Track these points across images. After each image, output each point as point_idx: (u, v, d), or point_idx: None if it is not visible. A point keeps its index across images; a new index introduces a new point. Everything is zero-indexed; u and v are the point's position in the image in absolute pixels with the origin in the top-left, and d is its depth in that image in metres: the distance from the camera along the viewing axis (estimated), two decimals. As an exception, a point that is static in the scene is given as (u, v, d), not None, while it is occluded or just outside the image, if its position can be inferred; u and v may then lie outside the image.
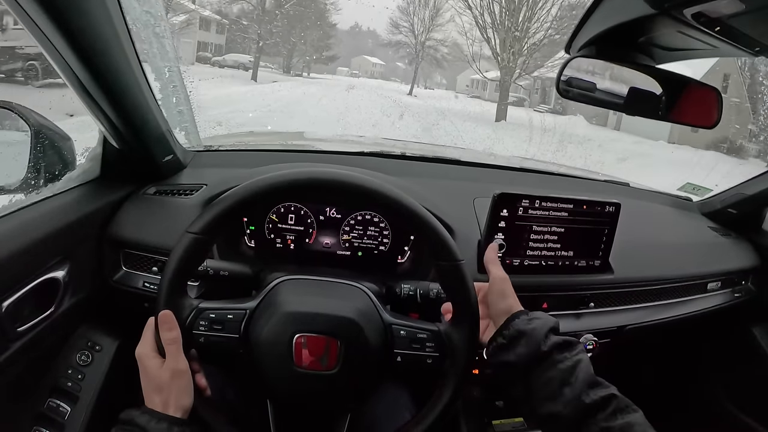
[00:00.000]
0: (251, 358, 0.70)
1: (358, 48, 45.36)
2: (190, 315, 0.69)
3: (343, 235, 1.03)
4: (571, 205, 0.95)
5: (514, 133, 10.61)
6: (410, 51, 26.66)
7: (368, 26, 50.81)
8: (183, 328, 0.67)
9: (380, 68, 43.57)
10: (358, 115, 9.94)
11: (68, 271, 0.87)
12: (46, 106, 1.01)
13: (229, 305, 0.71)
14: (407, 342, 0.71)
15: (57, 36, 0.67)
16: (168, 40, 0.91)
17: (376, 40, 45.76)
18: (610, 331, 1.05)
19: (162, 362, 0.65)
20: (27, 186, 0.90)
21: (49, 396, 0.90)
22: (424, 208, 0.70)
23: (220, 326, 0.69)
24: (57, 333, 0.89)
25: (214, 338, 0.69)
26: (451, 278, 0.71)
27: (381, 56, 43.95)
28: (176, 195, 1.01)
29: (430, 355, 0.71)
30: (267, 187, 0.69)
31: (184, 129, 1.12)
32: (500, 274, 0.77)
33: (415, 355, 0.71)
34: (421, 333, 0.72)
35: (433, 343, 0.71)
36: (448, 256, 0.70)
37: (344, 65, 39.44)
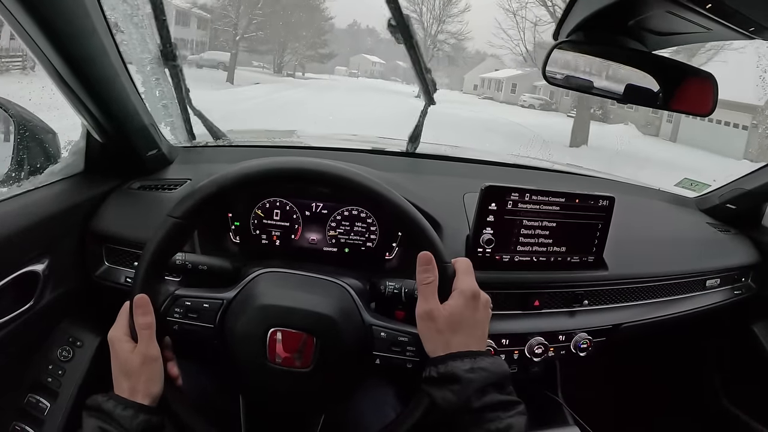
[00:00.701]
0: (225, 350, 0.68)
1: (357, 47, 44.58)
2: (165, 301, 0.67)
3: (330, 230, 1.01)
4: (563, 199, 0.92)
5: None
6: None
7: (367, 24, 49.96)
8: (158, 314, 0.65)
9: (380, 67, 42.61)
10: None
11: (48, 265, 0.85)
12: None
13: (206, 294, 0.70)
14: (387, 344, 0.69)
15: (31, 24, 0.65)
16: (147, 31, 0.89)
17: (375, 38, 45.93)
18: (605, 330, 1.02)
19: (134, 347, 0.64)
20: (9, 179, 0.89)
21: (29, 391, 0.89)
22: (412, 206, 0.67)
23: (195, 315, 0.68)
24: (37, 328, 0.87)
25: (189, 326, 0.68)
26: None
27: (381, 54, 43.08)
28: (160, 189, 0.99)
29: (410, 360, 0.68)
30: (253, 174, 0.66)
31: (169, 124, 1.10)
32: (470, 288, 0.65)
33: (395, 358, 0.68)
34: (402, 336, 0.69)
35: (414, 347, 0.68)
36: (435, 258, 0.67)
37: (342, 64, 38.69)
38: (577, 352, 0.99)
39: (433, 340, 0.63)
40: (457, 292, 0.64)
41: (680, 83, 0.94)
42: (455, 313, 0.63)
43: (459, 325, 0.62)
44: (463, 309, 0.63)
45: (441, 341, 0.62)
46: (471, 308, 0.64)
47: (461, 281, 0.65)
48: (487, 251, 0.91)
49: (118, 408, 0.60)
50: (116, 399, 0.61)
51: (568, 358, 1.00)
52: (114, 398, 0.61)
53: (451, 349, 0.61)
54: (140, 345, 0.63)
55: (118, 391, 0.62)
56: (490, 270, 0.92)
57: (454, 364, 0.60)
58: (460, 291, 0.64)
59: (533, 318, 0.97)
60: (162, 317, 0.67)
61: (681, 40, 0.91)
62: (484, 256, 0.91)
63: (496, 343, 0.93)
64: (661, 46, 0.92)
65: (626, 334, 1.05)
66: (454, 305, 0.63)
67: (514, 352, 0.95)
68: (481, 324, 0.65)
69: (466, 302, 0.63)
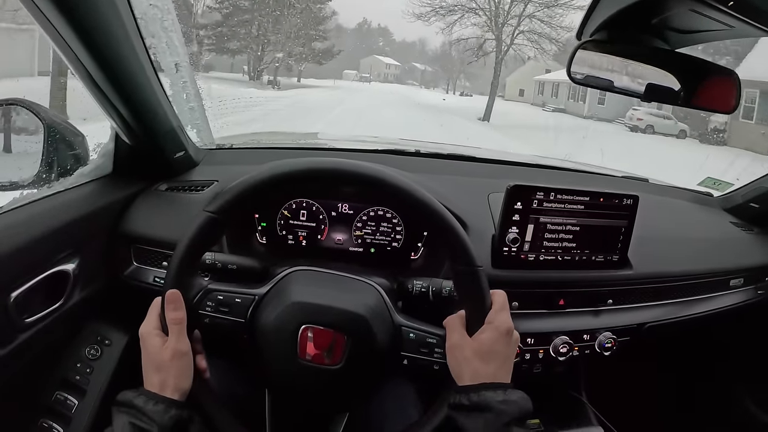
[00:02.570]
0: (255, 344, 0.68)
1: (368, 48, 37.90)
2: (197, 295, 0.67)
3: (356, 231, 1.00)
4: (588, 198, 0.91)
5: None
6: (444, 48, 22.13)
7: (379, 23, 41.98)
8: (189, 307, 0.65)
9: (395, 69, 36.48)
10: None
11: (78, 265, 0.86)
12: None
13: (239, 289, 0.70)
14: (416, 346, 0.68)
15: (67, 30, 0.66)
16: (176, 35, 0.89)
17: (387, 39, 39.30)
18: (630, 329, 1.00)
19: (164, 342, 0.63)
20: (40, 181, 0.89)
21: (57, 389, 0.89)
22: (445, 209, 0.66)
23: (226, 309, 0.68)
24: (66, 326, 0.88)
25: (220, 320, 0.68)
26: (467, 284, 0.67)
27: (395, 56, 37.32)
28: (187, 191, 0.99)
29: (437, 362, 0.67)
30: (289, 172, 0.66)
31: (196, 126, 1.10)
32: (505, 324, 0.65)
33: (423, 359, 0.68)
34: (430, 338, 0.68)
35: (441, 349, 0.67)
36: (467, 261, 0.66)
37: (352, 67, 32.64)
38: (601, 352, 0.97)
39: (461, 368, 0.63)
40: (492, 326, 0.64)
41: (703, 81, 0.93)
42: (486, 345, 0.63)
43: (490, 357, 0.63)
44: (495, 342, 0.63)
45: (469, 369, 0.63)
46: (503, 343, 0.64)
47: (498, 316, 0.65)
48: (512, 250, 0.90)
49: (150, 403, 0.59)
50: (147, 394, 0.60)
51: (592, 357, 0.98)
52: (145, 394, 0.60)
53: (481, 379, 0.61)
54: (171, 339, 0.63)
55: (148, 386, 0.62)
56: (516, 269, 0.91)
57: (487, 393, 0.60)
58: (495, 326, 0.64)
59: (558, 317, 0.96)
60: (193, 310, 0.67)
61: (704, 38, 0.90)
62: (510, 255, 0.90)
63: (522, 343, 0.91)
64: (684, 44, 0.90)
65: (650, 334, 1.03)
66: (487, 338, 0.64)
67: (539, 351, 0.94)
68: (510, 359, 0.65)
69: (500, 337, 0.64)
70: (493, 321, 0.65)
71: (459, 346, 0.64)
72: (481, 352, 0.63)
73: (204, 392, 0.66)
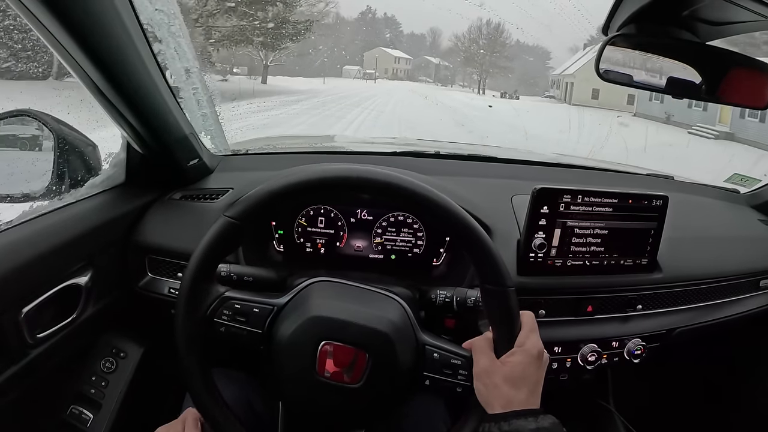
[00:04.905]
0: (271, 357, 0.64)
1: (372, 41, 31.81)
2: (214, 302, 0.64)
3: (376, 237, 0.96)
4: (616, 200, 0.85)
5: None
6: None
7: (385, 12, 35.69)
8: (204, 315, 0.63)
9: (405, 64, 30.88)
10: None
11: (91, 277, 0.83)
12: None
13: (257, 298, 0.66)
14: (439, 366, 0.64)
15: (68, 40, 0.62)
16: (185, 39, 0.86)
17: (395, 30, 32.95)
18: (659, 335, 0.95)
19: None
20: (50, 193, 0.87)
21: (72, 403, 0.87)
22: (477, 223, 0.62)
23: (243, 319, 0.64)
24: (80, 340, 0.85)
25: (236, 330, 0.64)
26: (497, 305, 0.62)
27: (404, 50, 31.07)
28: (202, 199, 0.96)
29: (461, 384, 0.63)
30: (313, 180, 0.62)
31: (209, 133, 1.07)
32: (536, 348, 0.62)
33: (446, 381, 0.63)
34: (455, 359, 0.64)
35: (466, 371, 0.63)
36: (498, 281, 0.61)
37: (353, 62, 26.39)
38: (630, 359, 0.92)
39: (491, 395, 0.59)
40: (523, 350, 0.60)
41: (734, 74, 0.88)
42: (518, 370, 0.59)
43: (521, 383, 0.59)
44: (527, 367, 0.59)
45: (500, 397, 0.58)
46: (535, 367, 0.60)
47: (528, 339, 0.62)
48: (539, 256, 0.85)
49: None
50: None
51: (621, 365, 0.93)
52: None
53: (513, 406, 0.57)
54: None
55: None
56: (543, 276, 0.86)
57: (519, 422, 0.55)
58: (526, 349, 0.60)
59: (586, 324, 0.90)
60: (209, 318, 0.63)
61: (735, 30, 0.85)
62: (536, 261, 0.85)
63: (549, 351, 0.85)
64: (714, 37, 0.85)
65: (680, 339, 0.98)
66: (517, 362, 0.60)
67: (567, 360, 0.89)
68: (541, 383, 0.61)
69: (531, 361, 0.60)
70: (523, 344, 0.61)
71: (488, 371, 0.60)
72: (513, 377, 0.59)
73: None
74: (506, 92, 21.75)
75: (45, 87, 4.17)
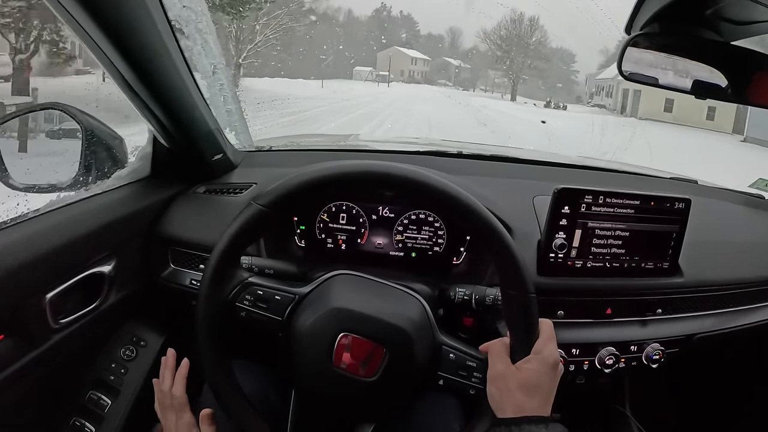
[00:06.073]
0: (290, 345, 0.65)
1: (386, 42, 28.63)
2: (237, 287, 0.65)
3: (396, 235, 0.95)
4: (638, 202, 0.84)
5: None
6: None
7: (401, 10, 32.41)
8: (226, 299, 0.64)
9: (423, 66, 27.54)
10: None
11: (115, 267, 0.84)
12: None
13: (279, 285, 0.66)
14: (454, 367, 0.64)
15: (99, 36, 0.63)
16: (212, 36, 0.87)
17: (411, 30, 29.76)
18: (678, 340, 0.92)
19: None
20: (77, 184, 0.88)
21: (90, 388, 0.88)
22: (503, 228, 0.62)
23: (265, 305, 0.65)
24: (101, 327, 0.86)
25: (256, 316, 0.65)
26: (517, 311, 0.62)
27: (421, 49, 27.54)
28: (225, 193, 0.97)
29: (474, 386, 0.63)
30: (342, 173, 0.62)
31: (234, 129, 1.08)
32: (553, 357, 0.62)
33: (459, 382, 0.64)
34: (471, 361, 0.64)
35: (480, 374, 0.63)
36: (520, 287, 0.61)
37: (367, 63, 24.13)
38: (648, 364, 0.90)
39: (504, 399, 0.59)
40: (540, 358, 0.60)
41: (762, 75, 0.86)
42: (532, 378, 0.59)
43: (535, 390, 0.59)
44: (542, 375, 0.60)
45: (512, 402, 0.58)
46: (549, 376, 0.60)
47: (546, 347, 0.61)
48: (559, 256, 0.83)
49: None
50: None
51: (639, 369, 0.91)
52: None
53: (524, 413, 0.57)
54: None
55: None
56: (562, 276, 0.85)
57: (529, 428, 0.56)
58: (542, 358, 0.60)
59: (604, 327, 0.89)
60: (231, 302, 0.64)
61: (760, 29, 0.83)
62: (556, 262, 0.84)
63: (566, 353, 0.85)
64: (738, 36, 0.84)
65: (700, 346, 0.95)
66: (532, 369, 0.60)
67: (584, 363, 0.87)
68: (553, 392, 0.61)
69: (546, 369, 0.60)
70: (540, 352, 0.61)
71: (503, 376, 0.60)
72: (527, 384, 0.59)
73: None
74: (550, 100, 17.37)
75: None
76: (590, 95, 19.49)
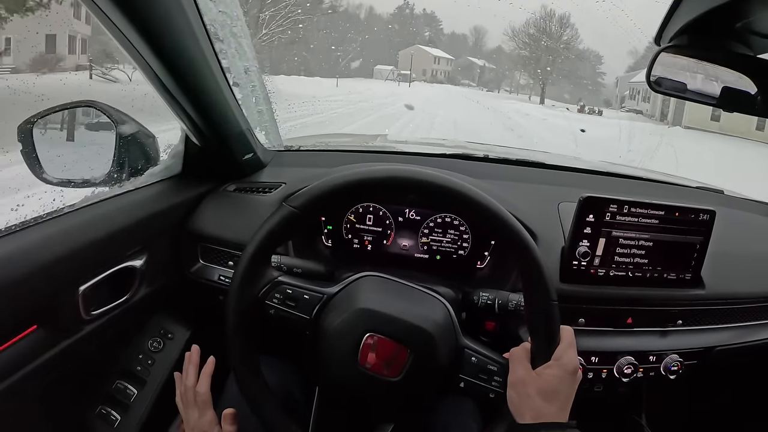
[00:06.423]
0: (316, 343, 0.66)
1: (408, 40, 26.88)
2: (267, 285, 0.66)
3: (422, 237, 0.96)
4: (663, 212, 0.84)
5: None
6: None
7: (424, 7, 30.28)
8: (256, 297, 0.65)
9: (446, 65, 25.77)
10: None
11: (146, 261, 0.86)
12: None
13: (308, 285, 0.68)
14: (476, 370, 0.65)
15: (137, 38, 0.65)
16: (246, 40, 0.89)
17: (435, 29, 27.70)
18: (697, 352, 0.92)
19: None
20: (111, 180, 0.90)
21: (118, 378, 0.90)
22: (528, 235, 0.63)
23: (293, 303, 0.66)
24: (131, 319, 0.88)
25: (285, 314, 0.66)
26: (540, 317, 0.63)
27: (444, 49, 25.81)
28: (255, 192, 0.98)
29: (494, 390, 0.64)
30: (377, 179, 0.63)
31: (264, 129, 1.10)
32: (572, 364, 0.62)
33: (480, 386, 0.64)
34: (492, 365, 0.65)
35: (501, 378, 0.64)
36: (543, 294, 0.62)
37: (387, 61, 22.63)
38: (666, 375, 0.89)
39: (523, 405, 0.60)
40: (559, 364, 0.61)
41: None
42: (552, 383, 0.60)
43: (553, 396, 0.59)
44: (560, 381, 0.60)
45: (531, 408, 0.59)
46: (568, 382, 0.61)
47: (566, 354, 0.62)
48: (582, 264, 0.84)
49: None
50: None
51: (657, 380, 0.90)
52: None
53: (543, 419, 0.58)
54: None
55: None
56: (585, 284, 0.85)
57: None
58: (562, 364, 0.61)
59: (624, 336, 0.89)
60: (260, 300, 0.66)
61: (792, 44, 0.82)
62: (579, 270, 0.84)
63: (586, 361, 0.85)
64: (768, 50, 0.83)
65: (719, 358, 0.94)
66: (552, 375, 0.60)
67: (603, 371, 0.87)
68: (572, 398, 0.62)
69: (566, 376, 0.61)
70: (560, 358, 0.62)
71: (523, 381, 0.61)
72: (546, 390, 0.59)
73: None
74: (584, 105, 15.44)
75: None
76: (621, 99, 18.00)
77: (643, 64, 3.65)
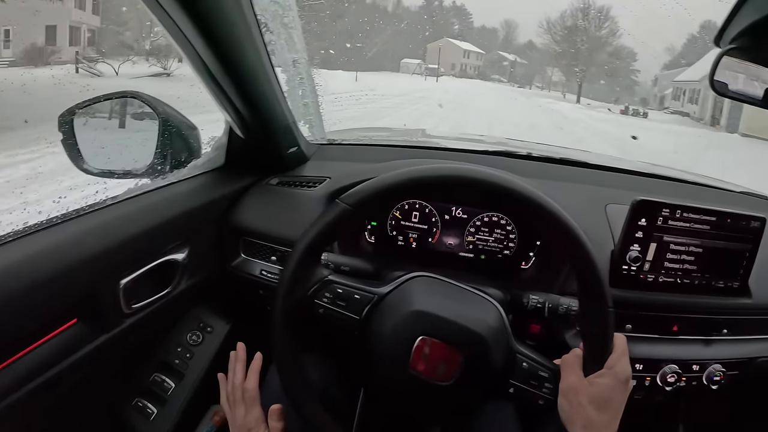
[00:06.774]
0: (365, 343, 0.65)
1: (437, 33, 25.72)
2: (316, 284, 0.65)
3: (468, 236, 0.95)
4: (714, 218, 0.82)
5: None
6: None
7: (454, 0, 28.59)
8: (306, 295, 0.65)
9: (476, 59, 24.45)
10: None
11: (187, 255, 0.85)
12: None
13: (359, 284, 0.67)
14: (526, 376, 0.63)
15: (188, 26, 0.65)
16: (296, 31, 0.88)
17: (464, 21, 26.57)
18: (740, 363, 0.90)
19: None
20: (153, 171, 0.90)
21: (156, 371, 0.90)
22: (588, 240, 0.61)
23: (343, 303, 0.65)
24: (171, 312, 0.88)
25: (334, 313, 0.65)
26: (594, 324, 0.62)
27: (474, 42, 24.43)
28: (299, 186, 0.97)
29: (544, 397, 0.63)
30: (434, 177, 0.62)
31: (308, 122, 1.09)
32: (625, 372, 0.61)
33: (530, 392, 0.63)
34: (543, 371, 0.63)
35: (551, 385, 0.62)
36: (600, 300, 0.61)
37: (414, 55, 21.47)
38: (708, 384, 0.87)
39: (574, 413, 0.59)
40: (612, 373, 0.60)
41: None
42: (604, 392, 0.59)
43: (605, 405, 0.59)
44: (613, 390, 0.59)
45: (582, 417, 0.58)
46: (620, 391, 0.60)
47: (619, 363, 0.61)
48: (632, 269, 0.82)
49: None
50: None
51: (698, 390, 0.89)
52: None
53: (594, 428, 0.57)
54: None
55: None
56: (634, 289, 0.83)
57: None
58: (615, 373, 0.60)
59: (669, 344, 0.87)
60: (309, 299, 0.65)
61: None
62: (629, 274, 0.82)
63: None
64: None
65: (762, 370, 0.93)
66: (605, 384, 0.59)
67: (646, 379, 0.85)
68: (622, 407, 0.61)
69: (618, 385, 0.60)
70: (613, 367, 0.60)
71: (575, 389, 0.60)
72: (598, 399, 0.58)
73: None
74: (627, 105, 13.88)
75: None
76: (660, 99, 16.32)
77: (678, 61, 3.38)
